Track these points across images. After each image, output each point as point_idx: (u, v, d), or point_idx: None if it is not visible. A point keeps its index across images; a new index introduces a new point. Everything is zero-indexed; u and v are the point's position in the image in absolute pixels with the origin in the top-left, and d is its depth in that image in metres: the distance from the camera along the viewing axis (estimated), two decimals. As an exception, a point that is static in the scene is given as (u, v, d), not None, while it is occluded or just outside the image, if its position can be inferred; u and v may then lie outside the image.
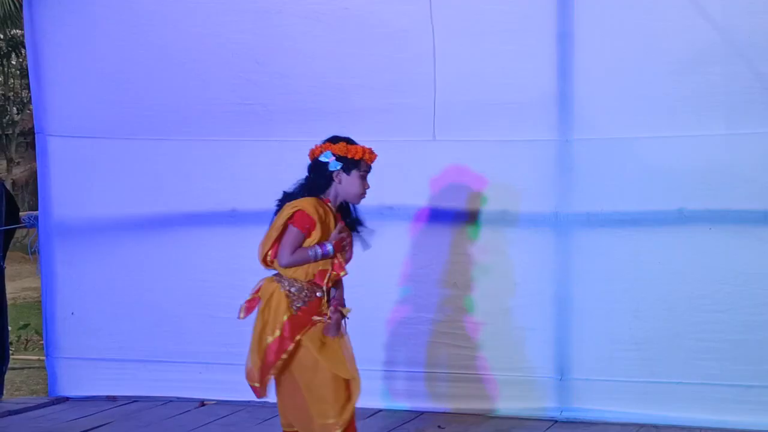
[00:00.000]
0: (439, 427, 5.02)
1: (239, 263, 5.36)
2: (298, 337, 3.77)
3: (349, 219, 3.90)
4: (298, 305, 3.81)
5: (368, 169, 3.86)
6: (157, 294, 5.65)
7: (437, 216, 5.25)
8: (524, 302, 5.13)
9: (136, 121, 5.64)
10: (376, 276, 5.17)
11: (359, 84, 5.27)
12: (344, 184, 3.83)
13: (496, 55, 5.10)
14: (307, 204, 3.76)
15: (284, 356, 3.80)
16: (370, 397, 5.01)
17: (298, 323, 3.80)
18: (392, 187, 5.20)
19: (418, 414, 5.23)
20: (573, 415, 5.07)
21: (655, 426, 4.91)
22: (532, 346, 5.13)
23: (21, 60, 20.46)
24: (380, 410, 5.26)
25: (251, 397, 5.33)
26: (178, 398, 5.64)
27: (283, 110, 5.41)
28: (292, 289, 3.82)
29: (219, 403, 5.53)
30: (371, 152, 3.86)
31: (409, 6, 5.22)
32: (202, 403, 5.60)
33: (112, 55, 5.65)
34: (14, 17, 17.20)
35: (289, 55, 5.40)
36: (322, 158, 3.80)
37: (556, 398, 5.10)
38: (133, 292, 5.68)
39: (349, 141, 3.85)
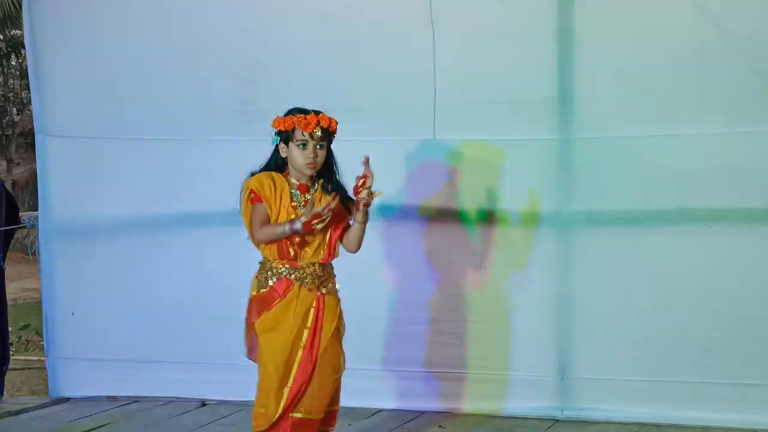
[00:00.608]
0: (440, 426, 5.01)
1: (239, 263, 5.33)
2: (254, 321, 3.83)
3: (330, 188, 3.82)
4: (269, 283, 3.82)
5: (306, 138, 3.72)
6: (157, 294, 5.64)
7: (437, 215, 5.24)
8: (525, 301, 5.13)
9: (136, 121, 5.64)
10: (376, 275, 5.17)
11: (359, 83, 5.26)
12: (289, 157, 3.80)
13: (497, 54, 5.10)
14: (251, 180, 3.80)
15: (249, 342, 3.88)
16: (369, 396, 5.03)
17: (262, 302, 3.83)
18: (392, 186, 5.20)
19: (419, 414, 5.22)
20: (574, 414, 5.06)
21: (657, 425, 4.90)
22: (533, 345, 5.12)
23: (21, 60, 20.48)
24: (380, 410, 5.25)
25: (252, 397, 5.34)
26: (179, 398, 5.63)
27: (283, 110, 5.36)
28: (261, 266, 3.86)
29: (220, 403, 5.53)
30: (304, 119, 3.73)
31: (409, 4, 5.21)
32: (203, 403, 5.59)
33: (112, 56, 5.64)
34: (14, 18, 17.23)
35: (289, 55, 5.39)
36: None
37: (558, 397, 5.10)
38: (134, 292, 5.68)
39: (292, 111, 3.80)
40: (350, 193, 3.83)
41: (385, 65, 5.26)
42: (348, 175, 3.89)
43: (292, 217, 3.72)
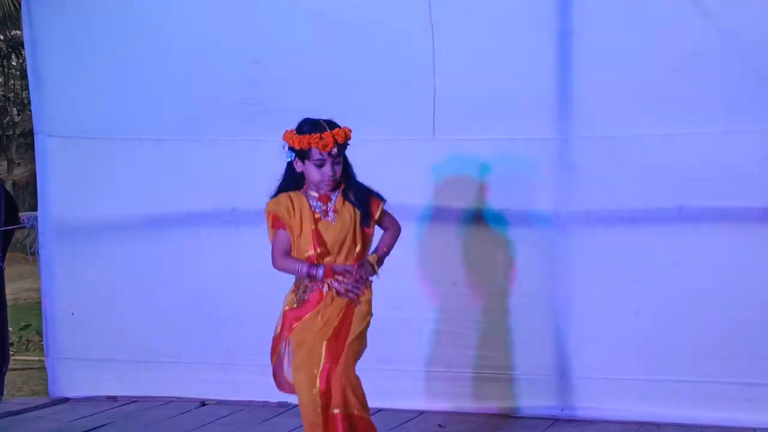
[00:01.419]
0: (439, 426, 5.01)
1: (240, 263, 5.37)
2: (287, 335, 3.82)
3: (350, 193, 3.81)
4: (305, 296, 3.81)
5: (324, 157, 3.70)
6: (157, 294, 5.64)
7: (437, 215, 5.24)
8: (525, 300, 5.13)
9: (136, 121, 5.64)
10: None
11: (359, 83, 5.26)
12: (306, 175, 3.78)
13: (496, 53, 5.09)
14: (270, 204, 3.80)
15: (280, 352, 3.84)
16: (369, 396, 5.01)
17: (294, 315, 3.81)
18: (392, 186, 5.18)
19: (419, 413, 5.23)
20: (574, 413, 5.06)
21: (656, 424, 4.90)
22: (533, 344, 5.12)
23: (21, 61, 20.45)
24: (380, 409, 5.24)
25: (252, 397, 5.35)
26: (178, 398, 5.63)
27: (283, 109, 5.34)
28: (299, 282, 3.84)
29: (220, 403, 5.53)
30: (320, 139, 3.67)
31: (409, 5, 5.21)
32: (203, 403, 5.59)
33: (111, 55, 5.65)
34: (14, 18, 17.21)
35: (289, 55, 5.39)
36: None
37: (557, 396, 5.10)
38: (134, 292, 5.68)
39: (304, 125, 3.74)
40: (372, 191, 3.88)
41: (385, 65, 5.26)
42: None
43: (310, 256, 3.74)
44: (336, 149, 3.71)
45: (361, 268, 3.81)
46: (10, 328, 6.24)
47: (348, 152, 3.93)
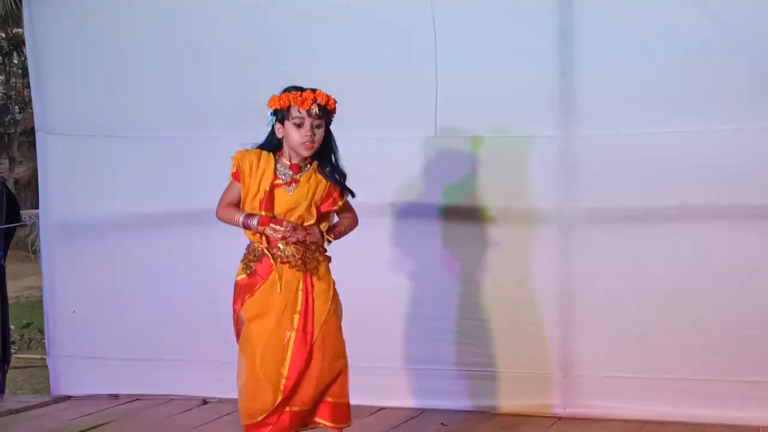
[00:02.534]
0: (442, 424, 5.00)
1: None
2: (238, 308, 3.76)
3: (327, 169, 3.76)
4: (251, 265, 3.75)
5: (302, 115, 3.65)
6: (158, 292, 5.63)
7: (438, 213, 5.23)
8: (527, 299, 5.12)
9: (137, 119, 5.63)
10: (377, 273, 5.16)
11: (360, 81, 5.24)
12: (285, 137, 3.73)
13: (497, 51, 5.08)
14: (237, 153, 3.75)
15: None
16: (371, 394, 5.01)
17: (245, 287, 3.75)
18: (394, 183, 5.20)
19: (421, 411, 5.21)
20: (577, 411, 5.05)
21: (660, 422, 4.89)
22: (536, 342, 5.11)
23: (23, 59, 20.46)
24: (382, 408, 5.24)
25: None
26: (180, 396, 5.62)
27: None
28: (247, 249, 3.79)
29: (221, 401, 5.51)
30: (300, 95, 3.64)
31: (411, 2, 5.20)
32: (205, 401, 5.58)
33: (112, 54, 5.63)
34: (15, 16, 17.22)
35: (289, 53, 5.37)
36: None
37: (560, 395, 5.09)
38: (135, 290, 5.67)
39: (288, 89, 3.73)
40: (344, 179, 3.81)
41: (387, 62, 5.24)
42: (349, 176, 3.89)
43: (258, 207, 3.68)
44: (317, 109, 3.66)
45: (307, 228, 3.69)
46: (12, 326, 6.24)
47: (349, 150, 3.92)
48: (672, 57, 4.86)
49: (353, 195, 3.86)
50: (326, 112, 3.70)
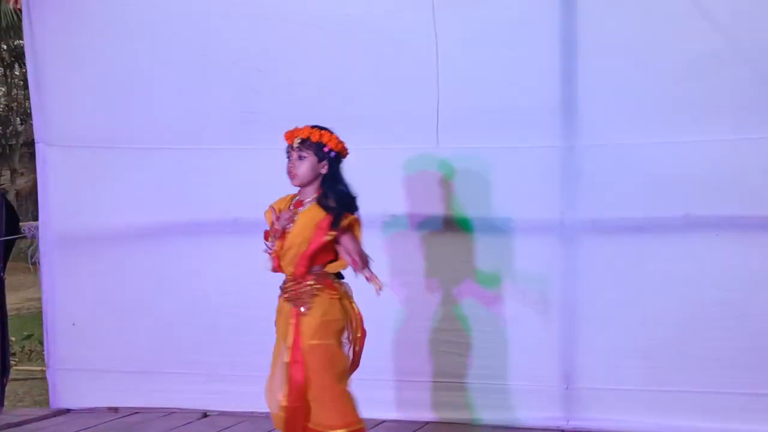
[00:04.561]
0: (444, 437, 4.98)
1: (242, 273, 5.32)
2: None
3: (325, 198, 3.85)
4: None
5: (287, 149, 3.91)
6: (159, 304, 5.61)
7: (441, 224, 5.21)
8: (530, 310, 5.09)
9: (137, 130, 5.61)
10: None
11: (362, 92, 5.24)
12: None
13: (499, 62, 5.07)
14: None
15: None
16: (373, 407, 4.96)
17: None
18: (395, 194, 5.17)
19: (422, 424, 5.19)
20: (580, 424, 5.02)
21: (663, 435, 4.87)
22: (538, 354, 5.08)
23: (24, 70, 20.48)
24: (383, 421, 5.21)
25: (254, 408, 5.31)
26: (180, 409, 5.59)
27: (285, 118, 5.27)
28: None
29: (222, 414, 5.49)
30: (290, 131, 3.90)
31: (412, 13, 5.19)
32: (205, 414, 5.55)
33: (112, 65, 5.62)
34: (17, 28, 17.23)
35: (291, 63, 5.37)
36: None
37: (563, 407, 5.06)
38: (135, 302, 5.65)
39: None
40: (352, 202, 3.87)
41: (388, 73, 5.23)
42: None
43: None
44: (298, 143, 3.84)
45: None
46: (12, 338, 6.22)
47: (350, 160, 3.91)
48: (674, 67, 4.84)
49: (351, 212, 3.85)
50: (313, 146, 3.84)
